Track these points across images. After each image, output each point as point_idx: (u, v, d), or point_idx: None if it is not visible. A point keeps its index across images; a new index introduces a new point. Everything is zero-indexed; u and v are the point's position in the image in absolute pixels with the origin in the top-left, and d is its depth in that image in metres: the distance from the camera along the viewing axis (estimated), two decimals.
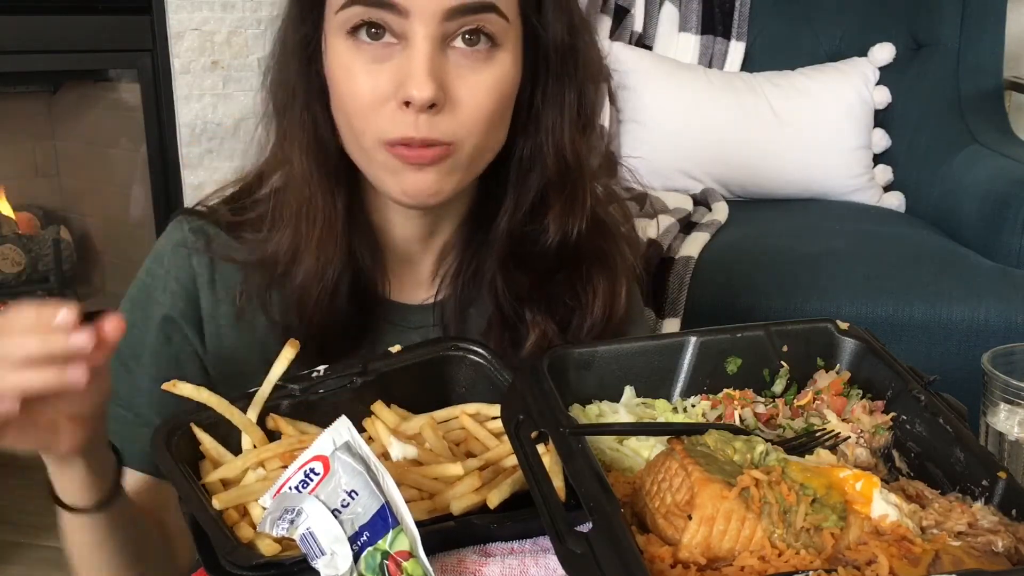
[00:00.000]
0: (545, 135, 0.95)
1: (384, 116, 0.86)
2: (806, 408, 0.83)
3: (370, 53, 0.86)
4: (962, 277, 1.87)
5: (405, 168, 0.88)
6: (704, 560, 0.64)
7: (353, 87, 0.87)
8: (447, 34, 0.85)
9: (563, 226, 0.97)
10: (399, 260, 1.02)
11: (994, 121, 2.44)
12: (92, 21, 2.54)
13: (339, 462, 0.67)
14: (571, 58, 0.94)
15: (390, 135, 0.86)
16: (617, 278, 1.01)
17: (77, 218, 3.05)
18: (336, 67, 0.89)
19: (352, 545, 0.64)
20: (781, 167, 2.42)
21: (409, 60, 0.84)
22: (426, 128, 0.85)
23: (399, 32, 0.85)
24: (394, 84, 0.85)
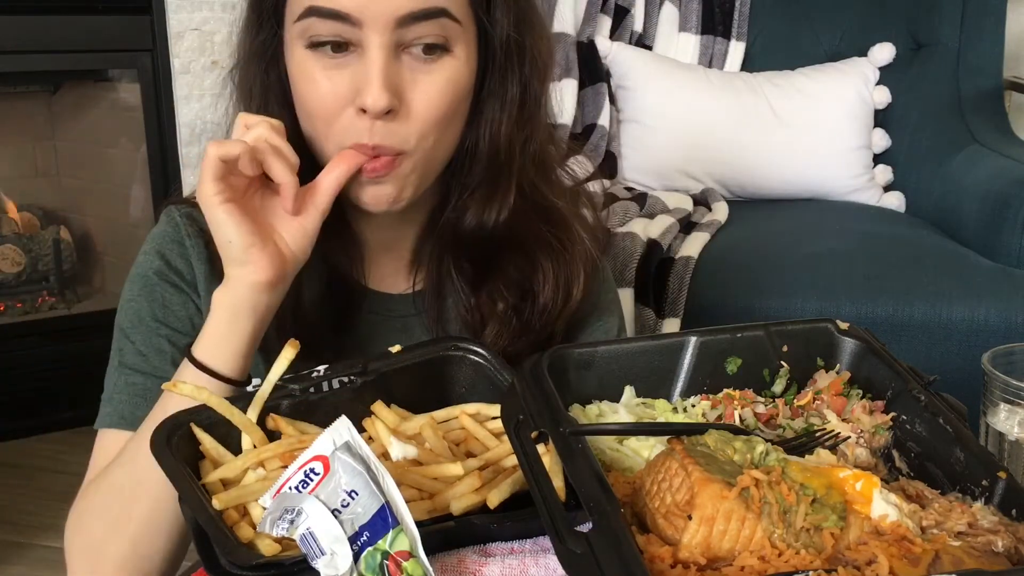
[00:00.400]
0: (484, 127, 0.96)
1: (342, 122, 0.89)
2: (806, 408, 0.83)
3: (329, 60, 0.88)
4: (962, 277, 1.87)
5: (364, 180, 0.90)
6: (704, 560, 0.64)
7: (314, 91, 0.89)
8: (401, 41, 0.87)
9: (479, 213, 0.99)
10: (378, 250, 1.03)
11: (994, 121, 2.44)
12: (92, 21, 2.55)
13: (339, 462, 0.67)
14: (516, 53, 0.95)
15: (345, 141, 0.89)
16: (572, 262, 1.02)
17: (77, 218, 3.05)
18: (297, 73, 0.91)
19: (352, 545, 0.64)
20: (781, 167, 2.42)
21: (365, 69, 0.86)
22: (380, 135, 0.88)
23: (355, 41, 0.87)
24: (351, 90, 0.87)
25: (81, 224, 3.06)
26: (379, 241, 1.03)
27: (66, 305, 2.89)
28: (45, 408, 2.72)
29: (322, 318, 0.98)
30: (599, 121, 2.48)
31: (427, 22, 0.87)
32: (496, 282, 1.00)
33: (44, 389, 2.72)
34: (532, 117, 0.99)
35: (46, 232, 2.92)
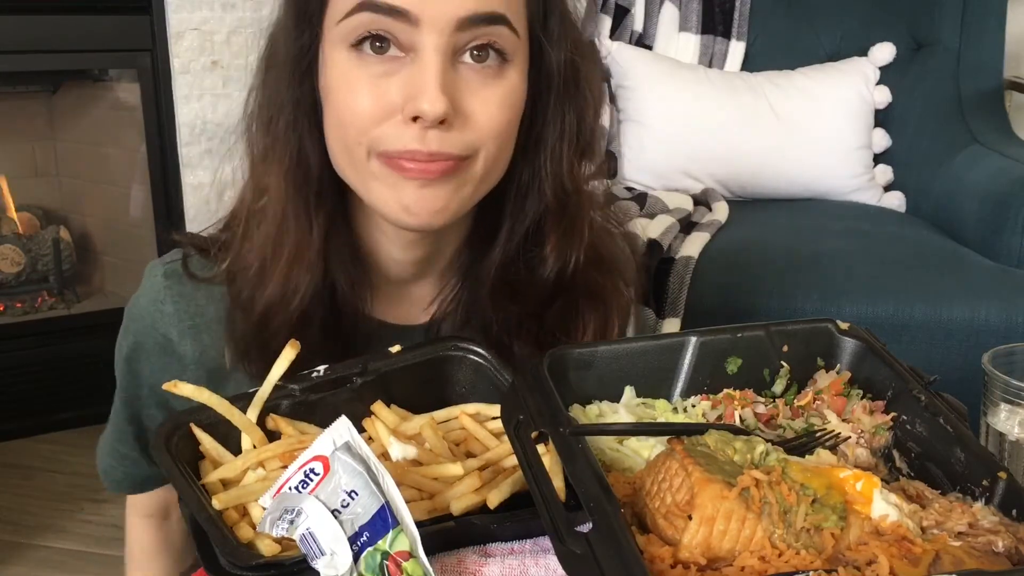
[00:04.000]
0: (544, 160, 0.91)
1: (385, 129, 0.82)
2: (806, 408, 0.83)
3: (375, 67, 0.82)
4: (962, 277, 1.87)
5: (405, 182, 0.84)
6: (704, 560, 0.64)
7: (354, 101, 0.83)
8: (457, 47, 0.82)
9: (561, 257, 0.94)
10: (392, 283, 0.98)
11: (994, 121, 2.44)
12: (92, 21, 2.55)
13: (339, 462, 0.67)
14: (573, 80, 0.91)
15: (391, 146, 0.82)
16: (609, 314, 0.98)
17: (77, 218, 3.06)
18: (336, 81, 0.84)
19: (352, 545, 0.64)
20: (781, 167, 2.42)
21: (419, 73, 0.81)
22: (435, 143, 0.82)
23: (407, 44, 0.81)
24: (402, 98, 0.81)
25: (81, 224, 3.06)
26: (396, 274, 0.97)
27: (66, 305, 2.89)
28: (45, 408, 2.72)
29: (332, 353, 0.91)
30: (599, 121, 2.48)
31: (486, 27, 0.82)
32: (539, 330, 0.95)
33: (44, 389, 2.72)
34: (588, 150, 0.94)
35: (46, 232, 2.92)
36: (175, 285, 0.96)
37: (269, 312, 0.90)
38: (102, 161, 2.95)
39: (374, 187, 0.86)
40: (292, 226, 0.90)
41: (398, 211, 0.86)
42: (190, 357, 0.96)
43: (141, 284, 0.99)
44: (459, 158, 0.84)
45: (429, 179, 0.83)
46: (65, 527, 2.30)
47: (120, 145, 2.86)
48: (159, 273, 0.97)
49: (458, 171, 0.84)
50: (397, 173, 0.84)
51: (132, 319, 0.99)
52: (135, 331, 0.98)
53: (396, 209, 0.85)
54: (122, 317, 1.01)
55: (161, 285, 0.96)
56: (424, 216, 0.85)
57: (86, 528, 2.31)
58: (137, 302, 0.99)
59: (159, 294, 0.96)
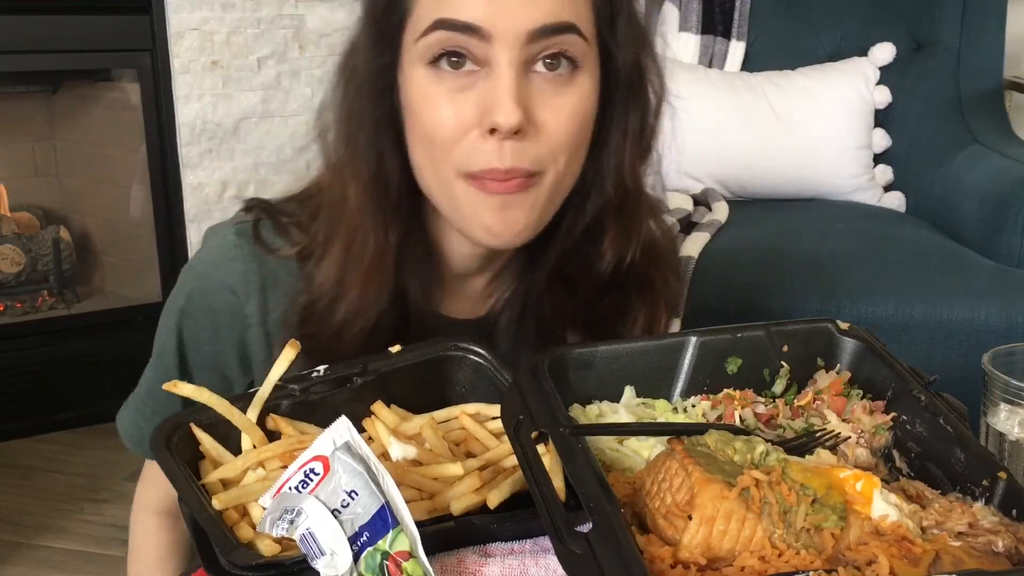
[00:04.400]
0: (608, 157, 0.93)
1: (466, 146, 0.85)
2: (806, 408, 0.83)
3: (452, 82, 0.84)
4: (962, 277, 1.87)
5: (487, 201, 0.86)
6: (704, 560, 0.64)
7: (436, 116, 0.85)
8: (530, 58, 0.84)
9: (619, 252, 0.96)
10: (452, 276, 1.00)
11: (994, 121, 2.44)
12: (92, 21, 2.55)
13: (339, 462, 0.67)
14: (638, 80, 0.93)
15: (473, 166, 0.85)
16: (657, 306, 1.00)
17: (77, 218, 3.06)
18: (417, 97, 0.86)
19: (352, 545, 0.64)
20: (781, 167, 2.42)
21: (494, 87, 0.83)
22: (511, 157, 0.84)
23: (481, 58, 0.84)
24: (478, 112, 0.83)
25: (81, 224, 3.06)
26: (459, 269, 0.99)
27: (66, 305, 2.89)
28: (45, 408, 2.72)
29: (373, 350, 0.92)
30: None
31: (557, 37, 0.83)
32: (594, 323, 0.98)
33: (44, 389, 2.72)
34: (649, 150, 0.96)
35: (46, 232, 2.92)
36: (246, 244, 0.96)
37: (347, 322, 0.92)
38: (102, 161, 2.95)
39: (460, 207, 0.88)
40: (370, 239, 0.92)
41: (483, 233, 0.88)
42: (254, 317, 0.96)
43: (203, 245, 0.99)
44: (533, 173, 0.86)
45: (508, 195, 0.86)
46: (65, 527, 2.30)
47: (120, 145, 2.86)
48: (230, 232, 0.97)
49: (532, 185, 0.87)
50: (480, 192, 0.86)
51: (194, 279, 0.99)
52: (202, 289, 0.98)
53: (480, 231, 0.88)
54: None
55: (232, 243, 0.96)
56: (506, 236, 0.88)
57: (86, 528, 2.31)
58: (201, 261, 0.99)
59: (229, 252, 0.96)
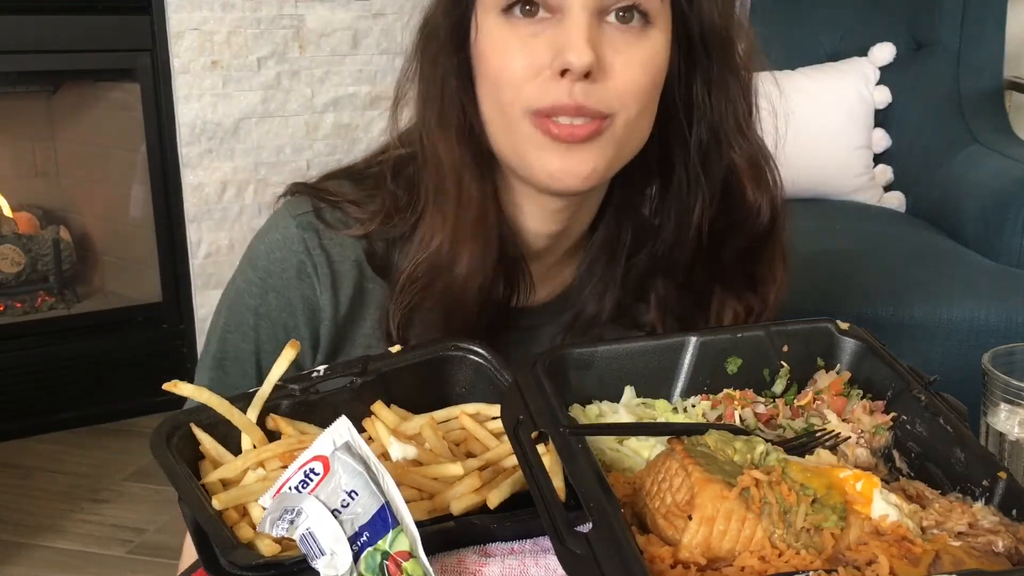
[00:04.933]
0: (720, 119, 0.95)
1: (536, 85, 0.86)
2: (806, 408, 0.83)
3: (525, 28, 0.87)
4: (962, 277, 1.87)
5: (554, 146, 0.87)
6: (704, 560, 0.64)
7: (506, 61, 0.87)
8: (603, 7, 0.85)
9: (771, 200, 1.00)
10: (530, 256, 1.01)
11: (994, 121, 2.44)
12: (92, 21, 2.55)
13: (339, 462, 0.67)
14: (727, 45, 0.94)
15: (540, 103, 0.86)
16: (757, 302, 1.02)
17: (77, 218, 3.06)
18: (489, 45, 0.89)
19: (352, 545, 0.64)
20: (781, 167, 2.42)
21: (566, 30, 0.84)
22: (581, 95, 0.85)
23: (555, 5, 0.85)
24: (551, 54, 0.85)
25: (80, 224, 3.06)
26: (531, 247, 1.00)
27: (65, 305, 2.89)
28: (45, 408, 2.72)
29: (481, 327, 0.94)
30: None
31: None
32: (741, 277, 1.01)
33: (44, 389, 2.73)
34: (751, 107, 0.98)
35: (46, 232, 2.92)
36: (312, 238, 0.96)
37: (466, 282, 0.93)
38: (102, 161, 2.95)
39: (525, 151, 0.89)
40: (474, 188, 0.93)
41: (545, 176, 0.89)
42: (327, 311, 0.97)
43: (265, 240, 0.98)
44: (602, 116, 0.87)
45: (574, 143, 0.87)
46: (65, 527, 2.30)
47: (120, 145, 2.86)
48: (292, 225, 0.97)
49: (600, 133, 0.87)
50: (545, 136, 0.87)
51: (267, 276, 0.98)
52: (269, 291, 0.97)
53: (544, 175, 0.89)
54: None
55: (298, 237, 0.96)
56: (569, 181, 0.89)
57: (86, 528, 2.31)
58: (271, 260, 0.98)
59: (297, 246, 0.96)
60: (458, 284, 0.93)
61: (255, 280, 0.98)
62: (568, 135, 0.86)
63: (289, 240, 0.96)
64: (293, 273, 0.96)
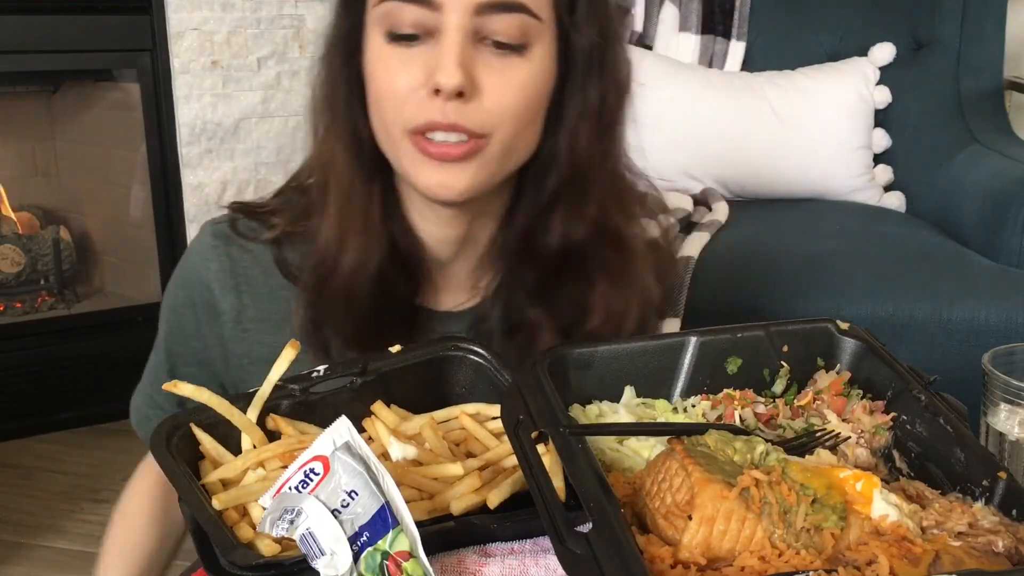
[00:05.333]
0: (564, 135, 0.95)
1: (412, 105, 0.88)
2: (806, 408, 0.83)
3: (404, 50, 0.88)
4: (962, 277, 1.87)
5: (430, 162, 0.89)
6: (704, 560, 0.64)
7: (388, 80, 0.89)
8: (478, 31, 0.87)
9: (566, 226, 0.97)
10: (435, 265, 1.02)
11: (994, 121, 2.44)
12: (92, 21, 2.55)
13: (339, 462, 0.67)
14: (598, 62, 0.94)
15: (416, 121, 0.88)
16: (629, 295, 0.99)
17: (77, 218, 3.06)
18: (373, 61, 0.91)
19: (352, 545, 0.64)
20: (781, 167, 2.42)
21: (440, 50, 0.86)
22: (454, 114, 0.87)
23: (432, 28, 0.87)
24: (424, 74, 0.87)
25: (81, 224, 3.06)
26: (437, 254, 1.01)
27: (65, 305, 2.89)
28: (45, 408, 2.72)
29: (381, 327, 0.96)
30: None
31: (507, 15, 0.86)
32: (553, 297, 0.98)
33: (44, 389, 2.72)
34: (610, 131, 0.98)
35: (46, 232, 2.92)
36: (222, 244, 1.02)
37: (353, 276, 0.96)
38: (102, 161, 2.95)
39: (407, 166, 0.91)
40: (358, 196, 0.96)
41: (425, 189, 0.91)
42: (228, 314, 1.01)
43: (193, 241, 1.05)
44: (476, 135, 0.88)
45: (446, 160, 0.89)
46: (65, 527, 2.30)
47: (120, 145, 2.86)
48: (208, 232, 1.03)
49: (476, 153, 0.89)
50: (423, 155, 0.89)
51: (180, 276, 1.05)
52: (184, 283, 1.04)
53: (423, 188, 0.91)
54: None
55: (209, 244, 1.02)
56: (447, 194, 0.91)
57: (86, 528, 2.31)
58: (188, 258, 1.05)
59: (207, 252, 1.02)
60: (344, 279, 0.95)
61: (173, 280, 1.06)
62: (442, 154, 0.88)
63: (200, 246, 1.03)
64: (196, 277, 1.02)
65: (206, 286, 1.01)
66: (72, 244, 2.96)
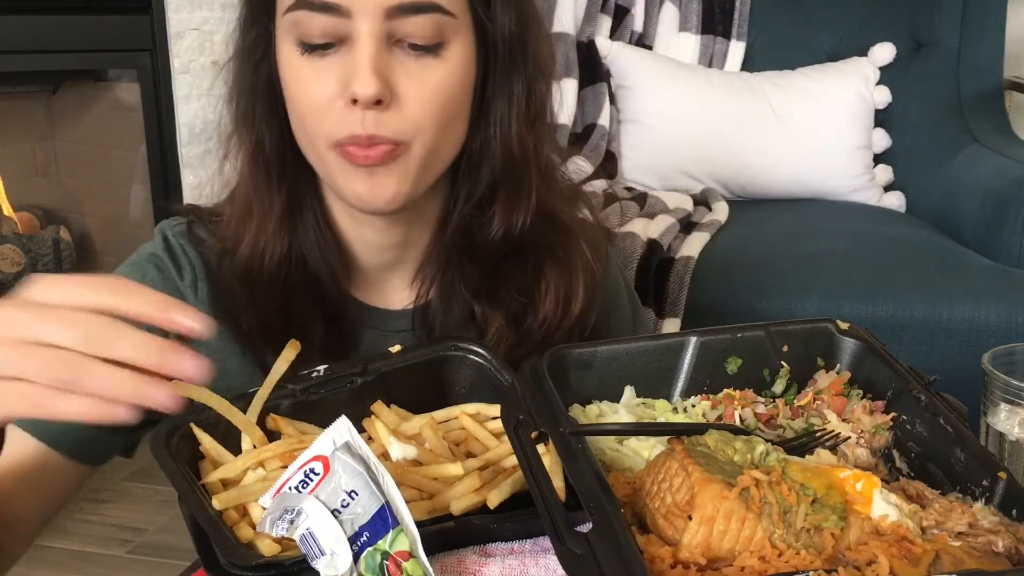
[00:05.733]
0: (494, 128, 0.94)
1: (332, 116, 0.86)
2: (806, 408, 0.83)
3: (318, 60, 0.86)
4: (962, 277, 1.87)
5: (356, 171, 0.88)
6: (704, 560, 0.64)
7: (303, 91, 0.87)
8: (391, 34, 0.85)
9: (507, 218, 0.97)
10: (376, 267, 1.01)
11: (994, 121, 2.44)
12: (92, 21, 2.55)
13: (339, 462, 0.67)
14: (520, 51, 0.93)
15: (338, 134, 0.86)
16: (573, 274, 0.99)
17: (77, 218, 3.06)
18: (286, 71, 0.89)
19: (352, 545, 0.64)
20: (781, 167, 2.42)
21: (353, 59, 0.84)
22: (372, 125, 0.85)
23: (344, 34, 0.85)
24: (340, 84, 0.85)
25: (81, 224, 3.06)
26: (378, 258, 1.00)
27: None
28: None
29: (325, 343, 0.96)
30: (599, 121, 2.48)
31: (419, 16, 0.84)
32: (499, 290, 0.98)
33: None
34: (539, 118, 0.97)
35: (46, 232, 2.92)
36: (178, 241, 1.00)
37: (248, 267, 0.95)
38: (102, 161, 2.95)
39: (333, 176, 0.90)
40: (255, 202, 0.96)
41: (355, 199, 0.90)
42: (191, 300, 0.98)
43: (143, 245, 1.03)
44: (397, 144, 0.87)
45: (374, 166, 0.87)
46: (65, 527, 2.30)
47: (120, 145, 2.86)
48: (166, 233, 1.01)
49: (399, 156, 0.87)
50: (348, 162, 0.87)
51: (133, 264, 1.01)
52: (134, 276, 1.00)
53: (353, 198, 0.90)
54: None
55: (162, 242, 1.00)
56: (377, 202, 0.89)
57: (86, 528, 2.31)
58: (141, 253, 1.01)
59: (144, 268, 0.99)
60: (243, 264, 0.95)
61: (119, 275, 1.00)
62: (364, 158, 0.86)
63: (156, 245, 1.00)
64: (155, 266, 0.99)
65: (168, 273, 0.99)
66: (72, 244, 2.96)
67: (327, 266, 0.98)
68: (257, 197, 0.95)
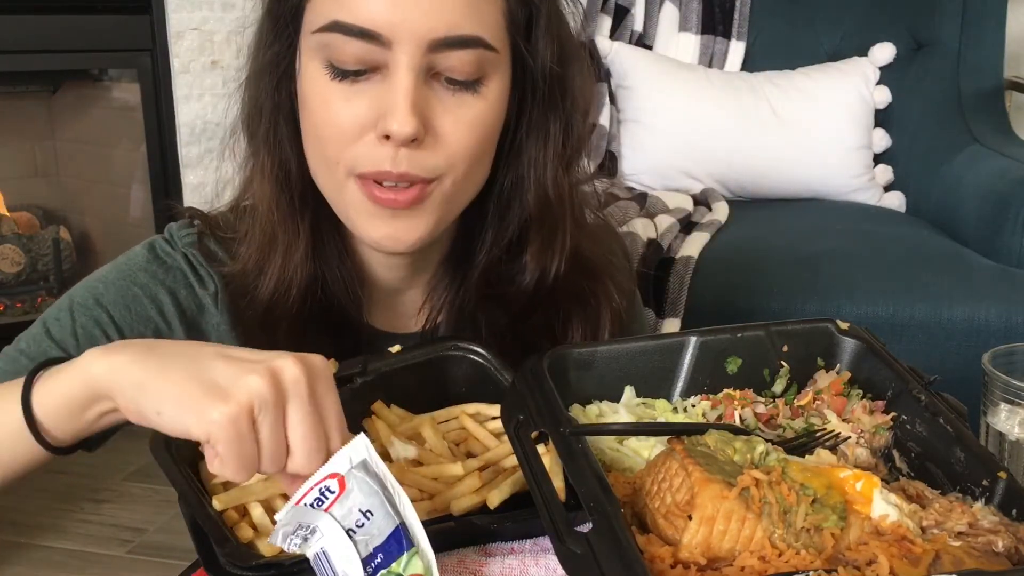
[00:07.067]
0: (527, 168, 0.90)
1: (360, 147, 0.82)
2: (806, 408, 0.83)
3: (349, 84, 0.81)
4: (962, 277, 1.87)
5: (378, 212, 0.84)
6: (704, 560, 0.64)
7: (329, 116, 0.82)
8: (431, 67, 0.80)
9: (541, 265, 0.93)
10: (384, 291, 0.99)
11: (994, 121, 2.44)
12: (92, 21, 2.55)
13: (355, 480, 0.65)
14: (559, 88, 0.89)
15: (363, 167, 0.82)
16: (599, 317, 0.97)
17: (77, 218, 3.06)
18: (311, 93, 0.83)
19: (366, 567, 0.62)
20: (781, 167, 2.42)
21: (390, 92, 0.80)
22: (405, 163, 0.81)
23: (379, 63, 0.80)
24: (374, 115, 0.80)
25: (81, 224, 3.06)
26: (387, 283, 0.98)
27: None
28: None
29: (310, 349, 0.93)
30: (599, 121, 2.48)
31: (462, 51, 0.80)
32: (525, 334, 0.94)
33: None
34: (575, 159, 0.93)
35: (46, 232, 2.92)
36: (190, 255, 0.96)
37: (272, 302, 0.91)
38: (102, 161, 2.95)
39: (354, 216, 0.86)
40: (280, 228, 0.91)
41: (373, 242, 0.87)
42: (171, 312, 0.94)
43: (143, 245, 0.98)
44: (426, 182, 0.83)
45: (398, 208, 0.83)
46: (65, 527, 2.30)
47: (120, 145, 2.86)
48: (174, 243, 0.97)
49: (427, 197, 0.84)
50: (371, 201, 0.84)
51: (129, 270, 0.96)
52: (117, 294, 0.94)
53: (371, 240, 0.87)
54: None
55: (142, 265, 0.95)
56: (397, 246, 0.86)
57: (86, 528, 2.31)
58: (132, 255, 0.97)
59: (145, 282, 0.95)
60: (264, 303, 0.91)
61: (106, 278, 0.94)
62: (391, 202, 0.83)
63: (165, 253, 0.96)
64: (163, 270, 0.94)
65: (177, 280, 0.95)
66: (72, 244, 2.96)
67: (347, 294, 0.95)
68: (283, 226, 0.90)
